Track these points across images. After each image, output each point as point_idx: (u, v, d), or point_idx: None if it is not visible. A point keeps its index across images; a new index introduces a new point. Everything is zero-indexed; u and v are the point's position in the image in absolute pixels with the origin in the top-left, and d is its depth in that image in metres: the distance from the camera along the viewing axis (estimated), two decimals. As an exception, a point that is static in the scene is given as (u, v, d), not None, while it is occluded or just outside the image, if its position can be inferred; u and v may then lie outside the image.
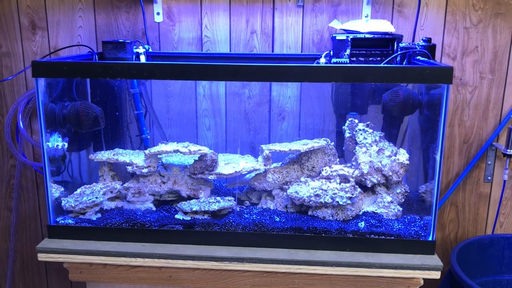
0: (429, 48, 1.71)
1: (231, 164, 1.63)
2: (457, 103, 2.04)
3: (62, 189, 1.63)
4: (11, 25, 2.08)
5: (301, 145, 1.59)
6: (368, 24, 1.80)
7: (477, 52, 1.99)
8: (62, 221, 1.56)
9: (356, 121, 1.65)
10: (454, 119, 2.06)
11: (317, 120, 2.03)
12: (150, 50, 1.92)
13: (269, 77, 1.47)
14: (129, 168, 1.59)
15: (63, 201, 1.57)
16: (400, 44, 1.74)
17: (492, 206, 2.14)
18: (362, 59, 1.76)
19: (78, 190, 1.62)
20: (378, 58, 1.76)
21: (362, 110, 1.73)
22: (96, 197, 1.58)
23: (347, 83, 1.70)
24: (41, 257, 1.53)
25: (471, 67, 2.00)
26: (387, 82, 1.47)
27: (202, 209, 1.53)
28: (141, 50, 1.85)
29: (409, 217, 1.57)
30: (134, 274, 1.56)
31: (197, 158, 1.61)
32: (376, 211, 1.57)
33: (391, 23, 1.99)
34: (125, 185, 1.62)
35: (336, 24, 1.85)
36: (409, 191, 1.67)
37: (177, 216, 1.56)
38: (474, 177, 2.12)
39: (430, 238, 1.48)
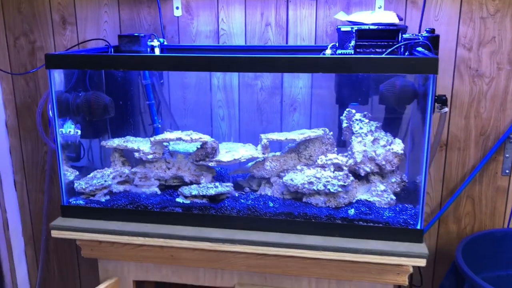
0: (432, 39, 1.71)
1: (231, 152, 1.71)
2: (473, 94, 2.02)
3: (77, 172, 1.77)
4: (44, 21, 2.25)
5: (298, 135, 1.65)
6: (373, 15, 1.81)
7: (495, 42, 1.96)
8: (74, 202, 1.71)
9: (354, 111, 1.68)
10: (470, 111, 2.04)
11: (326, 110, 2.07)
12: (165, 43, 2.03)
13: (263, 67, 1.53)
14: (136, 154, 1.71)
15: (75, 184, 1.71)
16: (404, 35, 1.75)
17: (510, 200, 2.10)
18: (367, 50, 1.78)
19: (91, 174, 1.76)
20: (383, 49, 1.78)
21: (363, 100, 1.76)
22: (105, 181, 1.71)
23: (345, 74, 1.73)
24: (54, 233, 1.67)
25: (488, 58, 1.97)
26: (375, 73, 1.50)
27: (201, 194, 1.63)
28: (155, 43, 1.95)
29: (400, 206, 1.59)
30: (139, 252, 1.68)
31: (199, 146, 1.70)
32: (369, 199, 1.61)
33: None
34: (133, 170, 1.74)
35: (342, 16, 1.88)
36: (407, 181, 1.69)
37: (178, 200, 1.66)
38: (491, 170, 2.09)
39: (418, 227, 1.50)
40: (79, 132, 1.73)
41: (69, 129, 1.70)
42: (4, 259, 2.48)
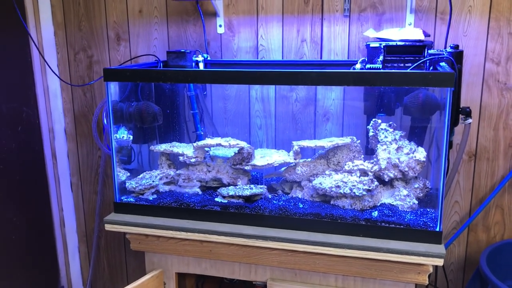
0: (456, 54, 1.82)
1: (265, 157, 1.87)
2: (501, 107, 2.10)
3: (128, 174, 1.98)
4: (101, 38, 2.49)
5: (326, 142, 1.79)
6: (400, 32, 1.94)
7: (523, 57, 2.04)
8: (125, 199, 1.91)
9: (379, 121, 1.81)
10: (499, 123, 2.11)
11: (356, 120, 2.19)
12: (208, 58, 2.22)
13: (284, 81, 1.70)
14: (181, 158, 1.90)
15: (127, 183, 1.92)
16: (429, 51, 1.86)
17: (540, 210, 2.16)
18: (394, 64, 1.90)
19: (140, 175, 1.96)
20: (411, 64, 1.89)
21: (389, 111, 1.88)
22: (153, 181, 1.90)
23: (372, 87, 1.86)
24: (108, 227, 1.88)
25: (516, 72, 2.06)
26: (397, 86, 1.62)
27: (237, 194, 1.80)
28: (199, 58, 2.15)
29: (422, 210, 1.70)
30: (181, 247, 1.86)
31: (236, 151, 1.87)
32: (392, 203, 1.73)
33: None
34: (177, 172, 1.93)
35: (371, 33, 2.01)
36: (431, 187, 1.80)
37: (216, 199, 1.84)
38: (521, 181, 2.15)
39: (437, 229, 1.60)
40: (131, 137, 1.94)
41: (122, 135, 1.91)
42: (60, 254, 2.72)
